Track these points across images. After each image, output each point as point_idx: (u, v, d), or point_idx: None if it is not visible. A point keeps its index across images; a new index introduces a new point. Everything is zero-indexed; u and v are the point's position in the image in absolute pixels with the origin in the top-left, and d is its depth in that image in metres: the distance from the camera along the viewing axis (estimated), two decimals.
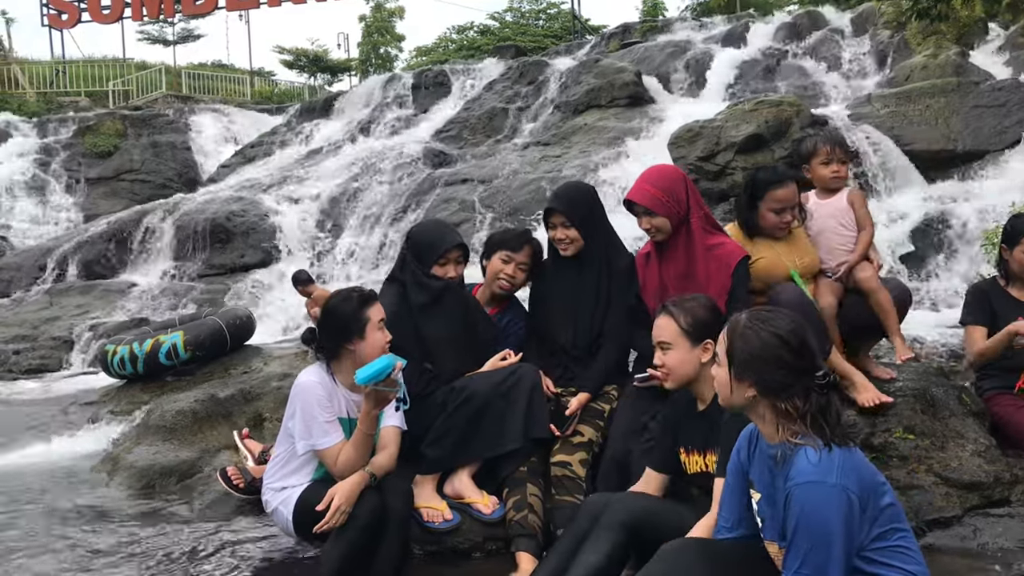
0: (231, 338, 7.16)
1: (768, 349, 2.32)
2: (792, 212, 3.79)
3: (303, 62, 34.82)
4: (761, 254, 3.77)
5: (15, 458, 5.45)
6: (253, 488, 3.53)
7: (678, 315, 2.94)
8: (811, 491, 2.18)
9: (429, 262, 3.65)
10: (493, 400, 3.43)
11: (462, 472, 3.45)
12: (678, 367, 2.93)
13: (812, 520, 2.16)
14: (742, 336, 2.37)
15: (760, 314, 2.41)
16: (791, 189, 3.75)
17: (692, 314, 2.94)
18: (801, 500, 2.19)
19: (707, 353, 2.90)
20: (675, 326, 2.94)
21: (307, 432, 3.10)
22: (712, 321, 2.93)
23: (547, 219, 3.77)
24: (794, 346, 2.32)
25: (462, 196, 12.22)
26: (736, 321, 2.43)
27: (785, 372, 2.30)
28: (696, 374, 2.94)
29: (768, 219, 3.78)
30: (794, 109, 10.61)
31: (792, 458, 2.26)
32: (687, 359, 2.92)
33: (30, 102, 23.33)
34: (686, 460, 3.00)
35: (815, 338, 2.42)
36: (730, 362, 2.39)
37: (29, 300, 12.18)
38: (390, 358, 2.99)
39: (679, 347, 2.92)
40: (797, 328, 2.35)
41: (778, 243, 3.84)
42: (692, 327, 2.93)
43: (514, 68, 16.86)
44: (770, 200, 3.75)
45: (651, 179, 3.66)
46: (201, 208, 13.17)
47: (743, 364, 2.36)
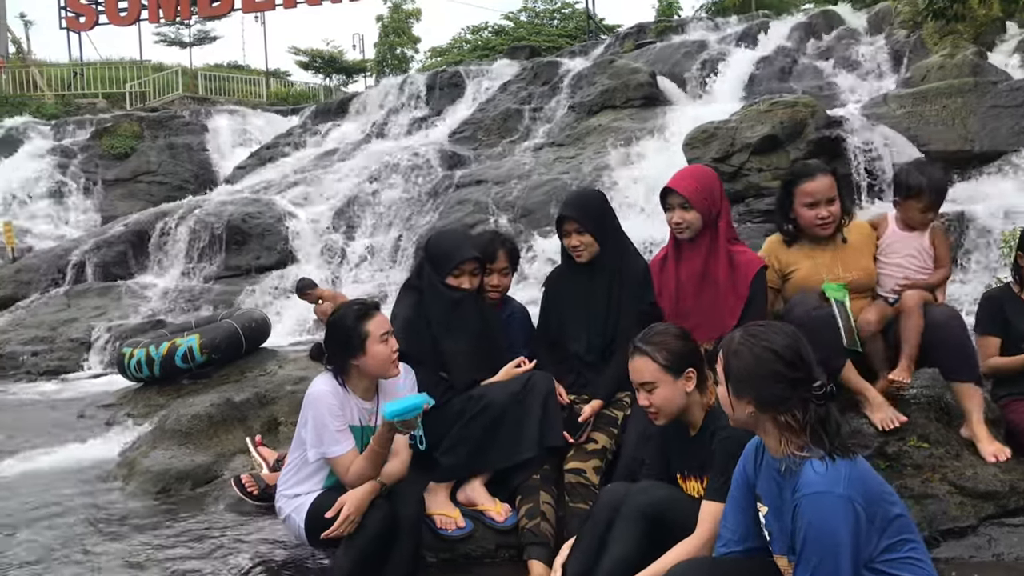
0: (246, 341, 7.20)
1: (762, 364, 2.33)
2: (828, 207, 3.65)
3: (318, 63, 34.93)
4: (798, 265, 3.70)
5: (31, 461, 5.48)
6: (267, 495, 3.56)
7: (654, 352, 2.87)
8: (818, 502, 2.18)
9: (444, 272, 3.65)
10: (509, 409, 3.44)
11: (475, 480, 3.47)
12: (666, 404, 2.89)
13: (820, 531, 2.16)
14: (736, 354, 2.38)
15: (753, 330, 2.42)
16: (822, 182, 3.64)
17: (667, 348, 2.89)
18: (808, 511, 2.19)
19: (690, 382, 2.88)
20: (654, 364, 2.86)
21: (319, 440, 3.12)
22: (688, 349, 2.91)
23: (560, 226, 3.77)
24: (788, 359, 2.32)
25: (476, 197, 12.23)
26: (730, 339, 2.44)
27: (782, 386, 2.31)
28: (685, 404, 2.91)
29: (803, 215, 3.69)
30: (809, 110, 10.57)
31: (798, 470, 2.26)
32: (674, 394, 2.88)
33: (48, 104, 23.51)
34: (684, 486, 2.99)
35: (816, 350, 2.41)
36: (727, 380, 2.40)
37: (47, 302, 12.27)
38: (421, 399, 2.99)
39: (663, 384, 2.87)
40: (791, 341, 2.36)
41: (822, 252, 3.73)
42: (671, 361, 2.87)
43: (528, 69, 16.85)
44: (801, 194, 3.67)
45: (693, 174, 3.69)
46: (217, 210, 13.23)
47: (740, 381, 2.36)
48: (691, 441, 2.95)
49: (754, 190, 10.02)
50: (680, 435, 2.99)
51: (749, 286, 3.52)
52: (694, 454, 2.92)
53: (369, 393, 3.29)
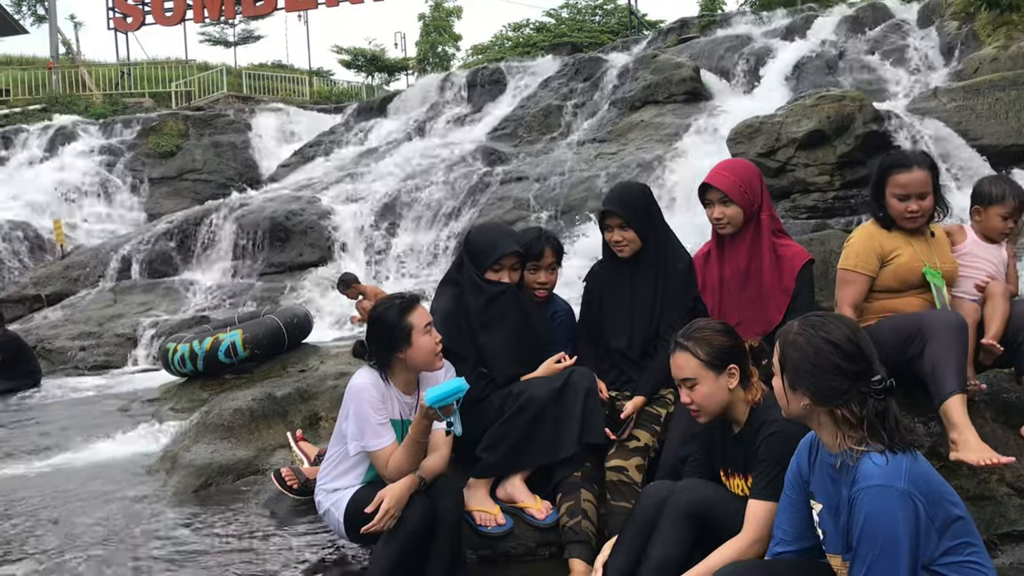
0: (289, 336, 7.24)
1: (820, 356, 2.25)
2: (920, 202, 3.51)
3: (361, 61, 35.13)
4: (901, 250, 3.55)
5: (77, 453, 5.56)
6: (307, 489, 3.54)
7: (695, 348, 2.79)
8: (877, 495, 2.10)
9: (484, 266, 3.60)
10: (550, 406, 3.37)
11: (515, 476, 3.41)
12: (708, 401, 2.81)
13: (878, 525, 2.08)
14: (793, 344, 2.31)
15: (811, 320, 2.34)
16: (915, 175, 3.49)
17: (708, 343, 2.80)
18: (867, 504, 2.11)
19: (733, 379, 2.80)
20: (695, 360, 2.79)
21: (360, 433, 3.09)
22: (730, 344, 2.82)
23: (602, 221, 3.70)
24: (847, 351, 2.24)
25: (517, 194, 12.20)
26: (787, 329, 2.36)
27: (839, 379, 2.23)
28: (728, 401, 2.83)
29: (893, 206, 3.55)
30: (857, 104, 10.41)
31: (855, 465, 2.18)
32: (715, 391, 2.78)
33: (97, 104, 23.90)
34: (727, 483, 2.91)
35: (872, 344, 2.32)
36: (783, 371, 2.33)
37: (95, 298, 12.47)
38: (460, 383, 2.96)
39: (704, 380, 2.78)
40: (850, 333, 2.28)
41: (917, 241, 3.60)
42: (713, 356, 2.78)
43: (570, 65, 16.78)
44: (893, 185, 3.53)
45: (731, 168, 3.59)
46: (261, 207, 13.35)
47: (796, 372, 2.29)
48: (735, 439, 2.87)
49: (800, 186, 9.86)
50: (724, 432, 2.92)
51: (795, 279, 3.41)
52: (738, 452, 2.84)
53: (410, 387, 3.26)
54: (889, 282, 3.55)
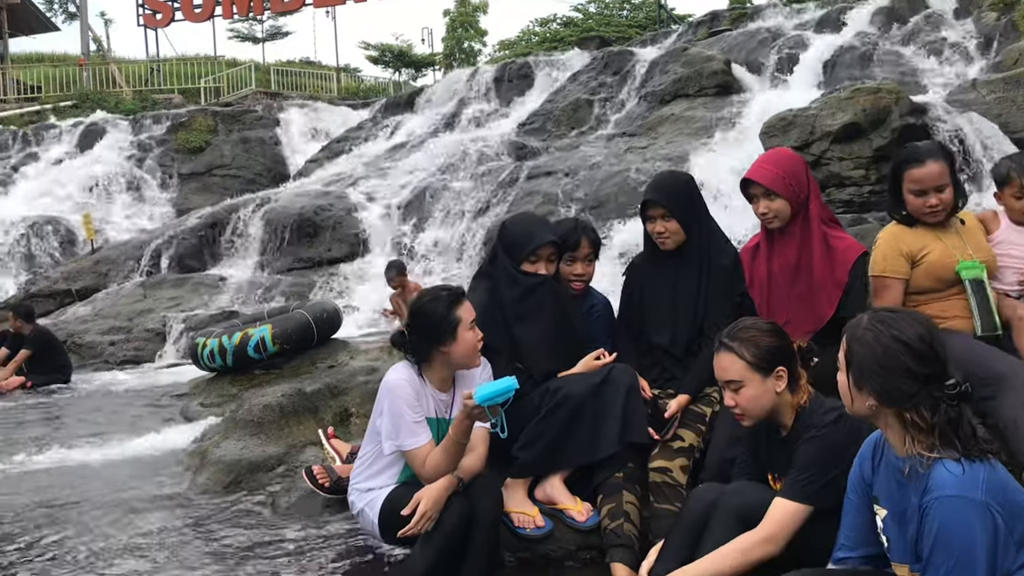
0: (318, 332, 7.18)
1: (889, 355, 2.12)
2: (938, 195, 3.38)
3: (388, 57, 35.14)
4: (930, 247, 3.41)
5: (107, 448, 5.52)
6: (339, 487, 3.44)
7: (741, 349, 2.67)
8: (952, 506, 1.97)
9: (519, 258, 3.48)
10: (588, 403, 3.24)
11: (554, 476, 3.28)
12: (753, 405, 2.68)
13: (954, 538, 1.95)
14: (861, 340, 2.17)
15: (882, 315, 2.20)
16: (930, 168, 3.35)
17: (755, 344, 2.66)
18: (941, 515, 1.98)
19: (780, 382, 2.67)
20: (740, 362, 2.66)
21: (395, 432, 2.99)
22: (778, 345, 2.69)
23: (644, 211, 3.55)
24: (919, 352, 2.10)
25: (546, 189, 12.09)
26: (856, 324, 2.22)
27: (909, 381, 2.09)
28: (774, 404, 2.70)
29: (912, 203, 3.43)
30: (893, 96, 10.24)
31: (927, 471, 2.05)
32: (761, 394, 2.66)
33: (127, 100, 24.06)
34: (775, 487, 2.78)
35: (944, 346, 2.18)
36: (848, 368, 2.20)
37: (124, 293, 12.51)
38: (511, 383, 2.84)
39: (751, 383, 2.66)
40: (924, 332, 2.14)
41: (947, 234, 3.46)
42: (759, 358, 2.65)
43: (599, 59, 16.63)
44: (908, 181, 3.40)
45: (772, 160, 3.44)
46: (289, 203, 13.34)
47: (863, 371, 2.16)
48: (782, 442, 2.74)
49: (835, 180, 9.69)
50: (770, 435, 2.79)
51: (848, 273, 3.26)
52: (784, 455, 2.71)
53: (446, 384, 3.16)
54: (925, 282, 3.41)
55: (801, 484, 2.52)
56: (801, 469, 2.54)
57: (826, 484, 2.50)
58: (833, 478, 2.47)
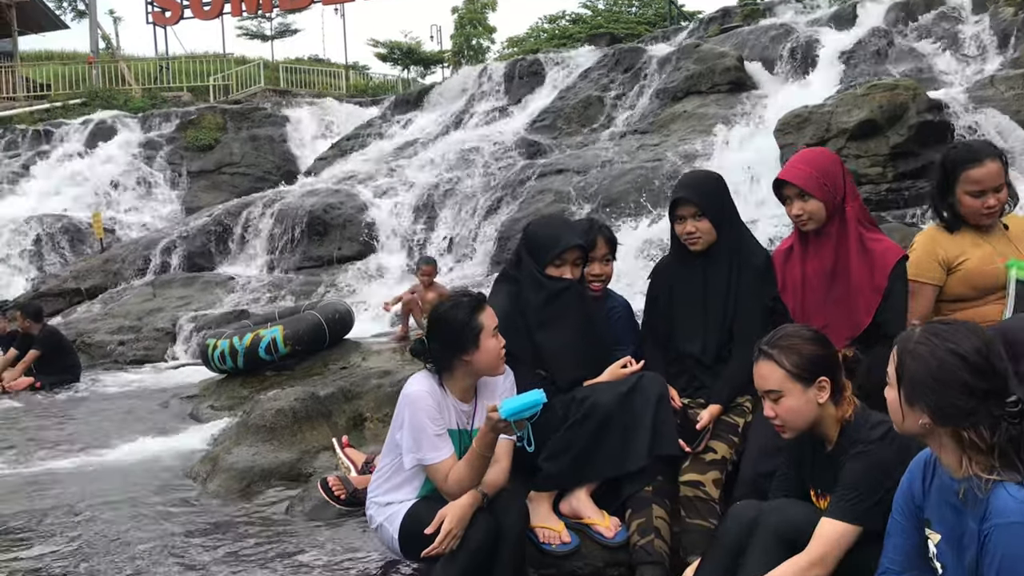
0: (330, 332, 7.10)
1: (944, 370, 1.97)
2: (997, 196, 3.24)
3: (396, 55, 35.02)
4: (967, 254, 3.27)
5: (115, 452, 5.44)
6: (355, 500, 3.32)
7: (781, 357, 2.51)
8: (1017, 534, 1.84)
9: (545, 261, 3.35)
10: (617, 413, 3.10)
11: (580, 490, 3.15)
12: (794, 416, 2.54)
13: (1019, 570, 1.82)
14: (914, 354, 2.03)
15: (936, 327, 2.06)
16: (989, 168, 3.22)
17: (797, 352, 2.51)
18: (1005, 545, 1.84)
19: (823, 392, 2.53)
20: (781, 371, 2.51)
21: (416, 446, 2.86)
22: (821, 355, 2.54)
23: (673, 211, 3.40)
24: (976, 366, 1.96)
25: (557, 187, 11.98)
26: (908, 337, 2.08)
27: (966, 397, 1.95)
28: (816, 416, 2.55)
29: (967, 204, 3.27)
30: (910, 93, 10.12)
31: (986, 496, 1.91)
32: (802, 405, 2.52)
33: (136, 98, 24.00)
34: (817, 503, 2.64)
35: None
36: (899, 383, 2.06)
37: (134, 292, 12.44)
38: (538, 396, 2.71)
39: (791, 393, 2.51)
40: (981, 345, 1.99)
41: (988, 239, 3.31)
42: (800, 367, 2.51)
43: (610, 55, 16.49)
44: (966, 182, 3.25)
45: (806, 159, 3.28)
46: (299, 201, 13.26)
47: (915, 387, 2.01)
48: (827, 458, 2.61)
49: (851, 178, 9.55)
50: (814, 448, 2.65)
51: (887, 277, 3.10)
52: (830, 472, 2.57)
53: (468, 394, 3.03)
54: (961, 290, 3.27)
55: (850, 503, 2.39)
56: (849, 488, 2.41)
57: (876, 503, 2.36)
58: (882, 498, 2.33)
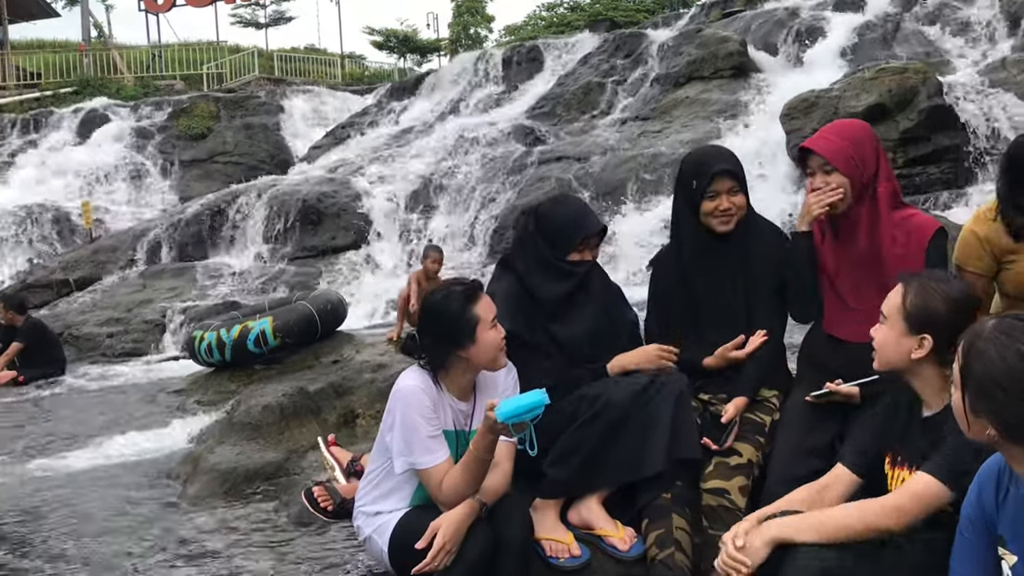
0: (322, 324, 6.82)
1: (1015, 377, 1.68)
2: None
3: (393, 43, 34.64)
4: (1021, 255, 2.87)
5: (95, 451, 5.18)
6: (344, 510, 3.02)
7: (909, 289, 2.29)
8: None
9: (567, 247, 3.01)
10: (632, 412, 2.78)
11: (591, 497, 2.82)
12: (882, 347, 2.33)
13: None
14: (982, 355, 1.73)
15: (1008, 323, 1.76)
16: None
17: (923, 297, 2.27)
18: None
19: (919, 351, 2.25)
20: (899, 301, 2.29)
21: (407, 448, 2.56)
22: (943, 314, 2.24)
23: (707, 186, 2.99)
24: None
25: (557, 174, 11.78)
26: (976, 333, 1.78)
27: None
28: (905, 367, 2.30)
29: None
30: (920, 76, 9.94)
31: None
32: (893, 346, 2.30)
33: (128, 87, 23.66)
34: (890, 473, 2.33)
35: None
36: (964, 388, 1.77)
37: (123, 282, 12.18)
38: (539, 397, 2.41)
39: (891, 326, 2.31)
40: None
41: None
42: (914, 311, 2.26)
43: (610, 41, 16.24)
44: None
45: (836, 130, 2.93)
46: (293, 190, 13.00)
47: (980, 393, 1.73)
48: (923, 423, 2.30)
49: None
50: (911, 410, 2.35)
51: (924, 253, 2.76)
52: (921, 438, 2.27)
53: (466, 392, 2.72)
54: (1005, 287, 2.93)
55: (951, 464, 2.07)
56: (949, 451, 2.10)
57: None
58: None
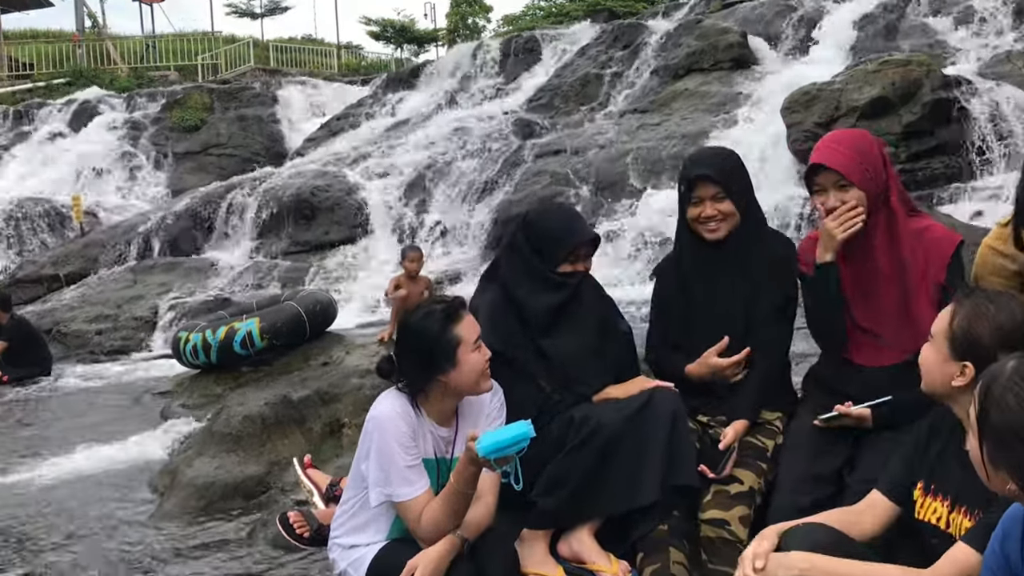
0: (310, 325, 6.62)
1: None
2: None
3: (390, 33, 34.35)
4: None
5: (73, 461, 5.00)
6: (321, 537, 2.85)
7: (958, 312, 2.08)
8: None
9: (559, 257, 2.84)
10: (624, 437, 2.61)
11: (582, 528, 2.65)
12: (927, 369, 2.15)
13: None
14: (999, 402, 1.56)
15: None
16: None
17: (969, 321, 2.05)
18: None
19: (963, 378, 2.04)
20: (947, 321, 2.10)
21: (384, 479, 2.38)
22: (987, 342, 2.03)
23: (689, 192, 2.84)
24: None
25: (554, 168, 11.58)
26: (994, 375, 1.60)
27: None
28: (947, 393, 2.10)
29: None
30: (924, 69, 9.76)
31: None
32: (937, 368, 2.11)
33: (122, 77, 23.42)
34: (920, 500, 2.14)
35: None
36: (982, 438, 1.60)
37: (113, 278, 12.00)
38: (524, 430, 2.22)
39: (937, 348, 2.11)
40: None
41: None
42: (958, 336, 2.06)
43: (608, 32, 16.05)
44: None
45: (841, 140, 2.71)
46: (286, 183, 12.81)
47: (998, 444, 1.56)
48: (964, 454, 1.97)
49: None
50: (952, 436, 2.13)
51: (945, 270, 2.58)
52: (960, 469, 2.03)
53: (447, 417, 2.53)
54: None
55: None
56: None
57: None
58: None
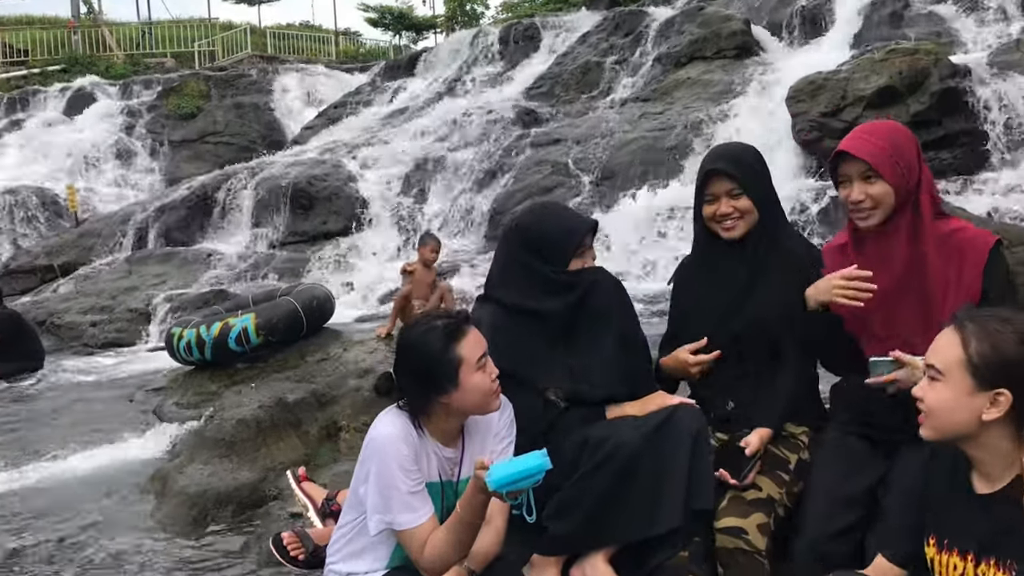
0: (307, 321, 6.44)
1: None
2: None
3: (388, 19, 34.10)
4: None
5: (61, 464, 4.84)
6: (316, 560, 2.69)
7: (971, 336, 1.83)
8: None
9: (567, 256, 2.65)
10: (643, 458, 2.43)
11: (597, 555, 2.46)
12: (941, 410, 1.87)
13: None
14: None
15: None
16: None
17: (992, 343, 1.81)
18: None
19: (995, 409, 1.81)
20: (959, 352, 1.84)
21: (384, 505, 2.20)
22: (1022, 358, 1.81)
23: (704, 188, 2.70)
24: None
25: (555, 158, 11.44)
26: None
27: None
28: (972, 432, 1.85)
29: None
30: (932, 58, 9.65)
31: None
32: (957, 407, 1.84)
33: (118, 64, 23.20)
34: (937, 559, 1.94)
35: None
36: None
37: (108, 268, 11.83)
38: (539, 462, 2.02)
39: (952, 382, 1.84)
40: None
41: None
42: (983, 362, 1.81)
43: (609, 19, 15.86)
44: None
45: (874, 131, 2.55)
46: (283, 172, 12.64)
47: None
48: (980, 500, 1.89)
49: None
50: (957, 484, 1.94)
51: (982, 276, 2.39)
52: (977, 521, 1.87)
53: (452, 437, 2.36)
54: None
55: None
56: None
57: None
58: None
